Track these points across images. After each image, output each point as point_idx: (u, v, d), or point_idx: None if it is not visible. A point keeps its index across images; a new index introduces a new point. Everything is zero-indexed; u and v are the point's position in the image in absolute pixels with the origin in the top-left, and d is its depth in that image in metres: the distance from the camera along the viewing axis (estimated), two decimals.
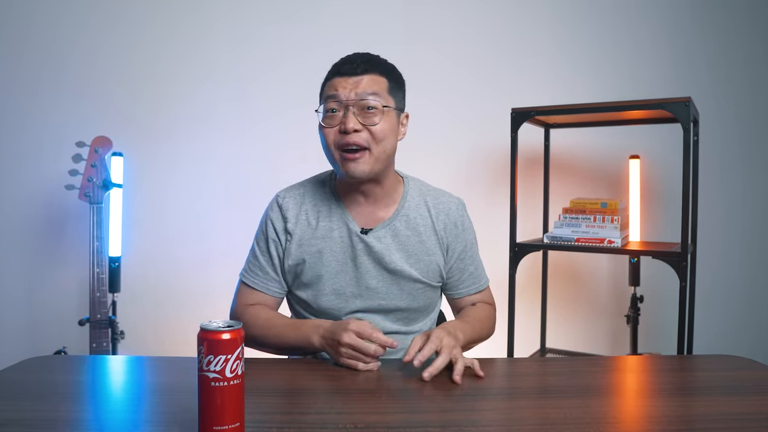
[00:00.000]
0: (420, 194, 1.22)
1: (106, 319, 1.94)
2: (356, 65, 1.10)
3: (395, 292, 1.17)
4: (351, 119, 1.08)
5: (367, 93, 1.09)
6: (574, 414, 0.81)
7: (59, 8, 2.35)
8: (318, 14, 2.40)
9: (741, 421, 0.79)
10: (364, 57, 1.13)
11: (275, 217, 1.19)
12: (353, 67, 1.10)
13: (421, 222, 1.19)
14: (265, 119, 2.41)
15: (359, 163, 1.09)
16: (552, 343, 2.36)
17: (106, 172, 1.99)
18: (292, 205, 1.19)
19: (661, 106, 1.76)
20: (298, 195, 1.21)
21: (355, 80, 1.09)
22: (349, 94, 1.09)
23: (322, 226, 1.17)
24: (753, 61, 2.39)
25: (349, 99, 1.08)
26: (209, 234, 2.39)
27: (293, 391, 0.93)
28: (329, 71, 1.14)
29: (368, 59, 1.13)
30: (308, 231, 1.17)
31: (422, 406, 0.80)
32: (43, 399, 0.87)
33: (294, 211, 1.18)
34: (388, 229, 1.17)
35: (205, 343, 0.69)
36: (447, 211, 1.21)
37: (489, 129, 2.37)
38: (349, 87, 1.09)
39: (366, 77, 1.10)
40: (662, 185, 2.36)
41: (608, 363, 1.22)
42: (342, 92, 1.09)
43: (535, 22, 2.41)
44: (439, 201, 1.22)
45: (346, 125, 1.07)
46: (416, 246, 1.18)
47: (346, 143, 1.08)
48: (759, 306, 2.41)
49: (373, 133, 1.09)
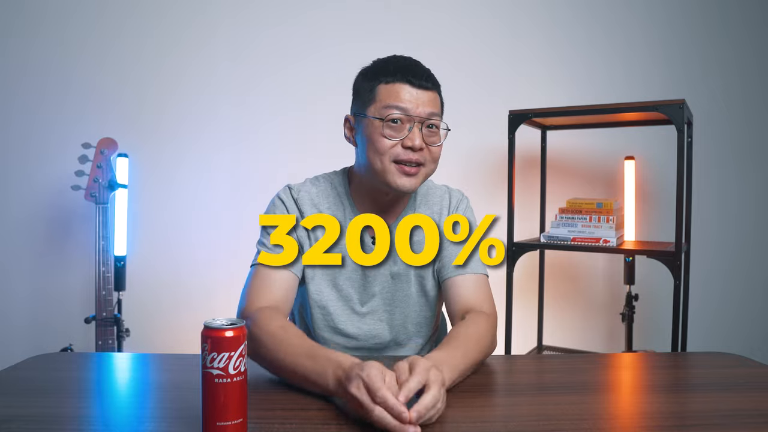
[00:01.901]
0: (422, 194, 1.20)
1: (111, 317, 1.95)
2: (424, 78, 1.06)
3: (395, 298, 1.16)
4: (419, 136, 1.04)
5: (434, 112, 1.06)
6: (571, 410, 0.82)
7: (66, 12, 2.36)
8: (319, 18, 2.41)
9: (734, 417, 0.80)
10: (425, 70, 1.09)
11: (290, 206, 1.13)
12: (421, 80, 1.06)
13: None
14: (269, 121, 2.42)
15: (413, 179, 1.06)
16: (549, 340, 2.38)
17: (111, 172, 2.00)
18: (307, 202, 1.13)
19: (655, 108, 1.77)
20: (314, 194, 1.15)
21: (423, 95, 1.05)
22: (419, 109, 1.05)
23: None
24: (746, 63, 2.41)
25: (418, 115, 1.04)
26: (213, 233, 2.40)
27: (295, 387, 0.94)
28: (386, 72, 1.07)
29: (429, 74, 1.09)
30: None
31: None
32: (49, 395, 0.88)
33: (310, 212, 1.13)
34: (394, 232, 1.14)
35: (209, 341, 0.70)
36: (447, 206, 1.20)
37: (486, 130, 2.39)
38: (419, 102, 1.05)
39: (431, 94, 1.07)
40: (657, 186, 2.38)
41: (604, 360, 1.24)
42: (411, 106, 1.04)
43: (531, 25, 2.43)
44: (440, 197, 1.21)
45: (413, 142, 1.04)
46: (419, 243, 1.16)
47: (409, 160, 1.04)
48: (752, 304, 2.43)
49: (432, 152, 1.07)
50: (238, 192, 2.41)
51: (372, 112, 1.06)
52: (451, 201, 1.20)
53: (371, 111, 1.06)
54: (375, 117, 1.05)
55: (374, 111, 1.06)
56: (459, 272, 1.14)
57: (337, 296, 1.15)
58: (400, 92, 1.05)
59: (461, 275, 1.13)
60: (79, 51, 2.37)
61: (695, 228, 2.13)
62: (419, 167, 1.06)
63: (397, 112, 1.04)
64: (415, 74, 1.06)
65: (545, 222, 2.30)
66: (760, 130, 2.42)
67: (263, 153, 2.41)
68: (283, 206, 1.13)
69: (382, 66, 1.09)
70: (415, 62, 1.10)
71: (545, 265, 2.34)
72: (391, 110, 1.04)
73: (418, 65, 1.09)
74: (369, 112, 1.07)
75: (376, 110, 1.06)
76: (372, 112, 1.06)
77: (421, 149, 1.05)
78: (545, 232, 2.07)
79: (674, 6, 2.41)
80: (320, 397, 0.85)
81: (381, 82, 1.06)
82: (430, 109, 1.06)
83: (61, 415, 0.81)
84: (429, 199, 1.20)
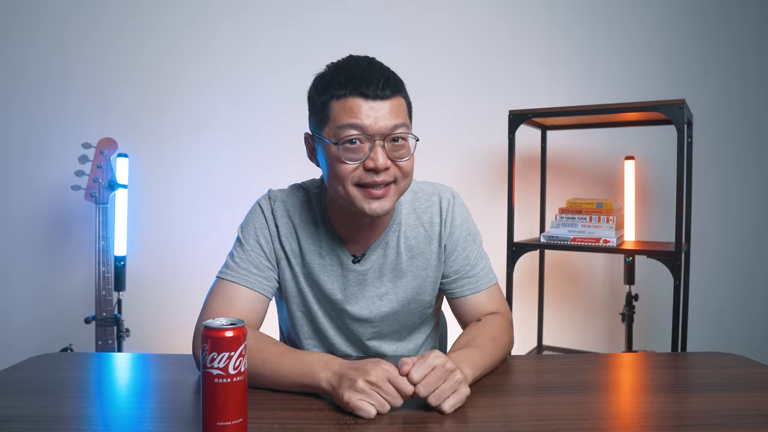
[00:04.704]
0: (409, 201, 1.10)
1: (111, 317, 1.95)
2: (379, 85, 0.90)
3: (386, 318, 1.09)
4: (382, 155, 0.91)
5: (398, 124, 0.92)
6: (571, 410, 0.82)
7: (66, 12, 2.37)
8: (319, 18, 2.41)
9: (734, 417, 0.80)
10: (384, 73, 0.93)
11: (269, 217, 1.06)
12: (377, 88, 0.90)
13: (412, 235, 1.08)
14: (268, 121, 2.42)
15: (384, 201, 0.94)
16: (549, 340, 2.38)
17: (111, 172, 2.00)
18: (282, 215, 1.06)
19: (655, 109, 1.77)
20: (290, 206, 1.07)
21: (381, 106, 0.91)
22: (378, 125, 0.90)
23: (311, 250, 1.05)
24: (746, 63, 2.41)
25: (378, 132, 0.91)
26: (213, 233, 2.40)
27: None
28: (336, 84, 0.92)
29: (388, 77, 0.93)
30: (296, 249, 1.06)
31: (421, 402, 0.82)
32: (49, 395, 0.88)
33: (285, 226, 1.06)
34: (380, 250, 1.06)
35: (209, 341, 0.70)
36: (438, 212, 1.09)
37: (487, 131, 2.39)
38: (377, 116, 0.90)
39: (392, 102, 0.92)
40: (657, 186, 2.38)
41: (604, 360, 1.24)
42: (369, 122, 0.90)
43: (532, 25, 2.43)
44: (429, 203, 1.10)
45: (376, 162, 0.90)
46: (410, 262, 1.08)
47: (374, 182, 0.92)
48: (751, 304, 2.43)
49: (401, 168, 0.94)
50: (238, 192, 2.41)
51: (327, 134, 0.93)
52: (441, 206, 1.09)
53: (326, 132, 0.93)
54: (331, 140, 0.92)
55: (329, 132, 0.93)
56: (470, 291, 1.10)
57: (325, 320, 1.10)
58: (354, 108, 0.90)
59: (474, 294, 1.10)
60: (79, 51, 2.37)
61: (695, 228, 2.13)
62: (388, 186, 0.94)
63: (354, 131, 0.90)
64: (369, 83, 0.90)
65: (545, 222, 2.30)
66: (760, 130, 2.42)
67: (263, 153, 2.41)
68: (262, 215, 1.06)
69: (333, 76, 0.94)
70: (368, 66, 0.93)
71: (545, 265, 2.34)
72: (346, 130, 0.90)
73: (373, 69, 0.93)
74: (324, 133, 0.93)
75: (331, 131, 0.92)
76: (327, 133, 0.93)
77: (387, 168, 0.92)
78: (545, 232, 2.07)
79: (674, 6, 2.41)
80: (320, 397, 0.85)
81: (333, 98, 0.92)
82: (393, 121, 0.92)
83: (61, 415, 0.81)
84: (417, 205, 1.10)
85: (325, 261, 1.05)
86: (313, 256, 1.05)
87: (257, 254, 1.04)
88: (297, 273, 1.07)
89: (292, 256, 1.06)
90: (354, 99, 0.91)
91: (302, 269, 1.07)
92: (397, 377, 0.79)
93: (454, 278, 1.11)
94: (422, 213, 1.09)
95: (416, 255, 1.08)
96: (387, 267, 1.07)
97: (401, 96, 0.96)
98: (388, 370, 0.79)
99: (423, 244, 1.09)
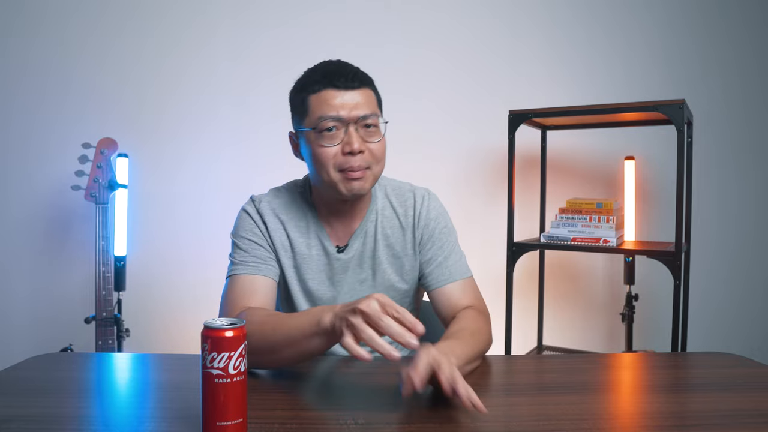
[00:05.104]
0: (384, 195, 1.19)
1: (111, 317, 1.96)
2: (349, 78, 1.04)
3: None
4: (356, 139, 1.03)
5: (368, 113, 1.05)
6: (571, 410, 0.82)
7: (66, 12, 2.37)
8: (319, 19, 2.41)
9: (734, 417, 0.80)
10: (352, 69, 1.07)
11: (255, 217, 1.15)
12: (347, 80, 1.04)
13: (388, 225, 1.17)
14: (268, 121, 2.42)
15: (362, 182, 1.06)
16: (549, 340, 2.38)
17: (111, 172, 2.00)
18: (269, 212, 1.15)
19: (655, 108, 1.77)
20: (276, 205, 1.16)
21: (353, 95, 1.04)
22: (351, 112, 1.04)
23: (300, 242, 1.14)
24: (746, 63, 2.41)
25: (352, 117, 1.04)
26: (213, 233, 2.40)
27: (295, 387, 0.94)
28: (312, 82, 1.06)
29: (356, 71, 1.07)
30: (286, 244, 1.14)
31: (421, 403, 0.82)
32: (49, 395, 0.88)
33: (273, 222, 1.15)
34: (359, 239, 1.15)
35: (209, 341, 0.70)
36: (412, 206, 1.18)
37: (487, 131, 2.39)
38: (349, 104, 1.04)
39: (361, 92, 1.05)
40: (657, 186, 2.38)
41: (604, 360, 1.24)
42: (342, 110, 1.03)
43: (531, 25, 2.43)
44: (404, 197, 1.19)
45: (352, 146, 1.03)
46: (386, 250, 1.16)
47: (352, 166, 1.04)
48: (751, 304, 2.44)
49: (373, 152, 1.06)
50: (238, 192, 2.40)
51: (307, 124, 1.06)
52: (415, 200, 1.18)
53: (306, 123, 1.07)
54: (310, 129, 1.05)
55: (309, 123, 1.06)
56: (444, 281, 1.15)
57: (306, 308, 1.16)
58: (329, 99, 1.04)
59: (447, 284, 1.15)
60: (79, 51, 2.37)
61: (695, 228, 2.13)
62: (365, 171, 1.06)
63: (330, 119, 1.03)
64: (340, 76, 1.04)
65: (545, 222, 2.30)
66: (760, 130, 2.42)
67: (263, 153, 2.41)
68: (249, 217, 1.15)
69: (309, 75, 1.09)
70: (339, 64, 1.09)
71: (545, 265, 2.34)
72: (324, 119, 1.03)
73: (343, 66, 1.08)
74: (305, 124, 1.07)
75: (311, 122, 1.06)
76: (307, 124, 1.06)
77: (362, 151, 1.04)
78: (545, 232, 2.07)
79: (674, 6, 2.41)
80: (320, 397, 0.85)
81: (310, 93, 1.06)
82: (364, 109, 1.05)
83: (61, 415, 0.81)
84: (393, 199, 1.19)
85: (312, 252, 1.15)
86: (302, 247, 1.14)
87: (254, 248, 1.13)
88: (285, 266, 1.15)
89: (281, 250, 1.14)
90: (328, 91, 1.04)
91: (291, 261, 1.15)
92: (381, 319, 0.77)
93: (428, 269, 1.16)
94: (398, 206, 1.19)
95: (392, 244, 1.17)
96: (366, 255, 1.16)
97: (369, 89, 1.08)
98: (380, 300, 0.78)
99: (398, 233, 1.17)
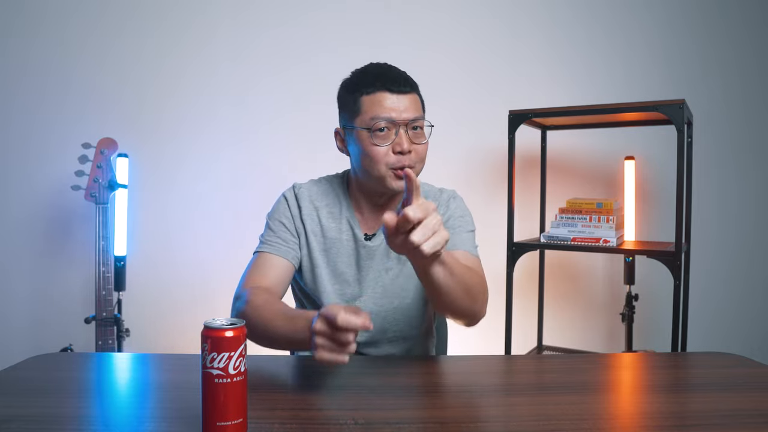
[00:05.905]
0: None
1: (111, 317, 1.96)
2: (402, 83, 1.11)
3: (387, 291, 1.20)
4: (406, 140, 1.10)
5: (417, 116, 1.11)
6: (571, 410, 0.82)
7: (66, 12, 2.37)
8: (319, 19, 2.41)
9: (734, 417, 0.80)
10: (403, 74, 1.14)
11: (291, 202, 1.23)
12: (400, 84, 1.11)
13: None
14: (269, 121, 2.42)
15: None
16: (549, 340, 2.38)
17: (111, 172, 2.00)
18: (306, 198, 1.22)
19: (655, 108, 1.77)
20: (314, 192, 1.24)
21: (404, 99, 1.10)
22: (402, 115, 1.10)
23: (332, 228, 1.21)
24: (746, 63, 2.41)
25: (403, 120, 1.10)
26: (213, 233, 2.41)
27: (295, 387, 0.95)
28: (365, 83, 1.12)
29: (407, 77, 1.14)
30: (317, 229, 1.21)
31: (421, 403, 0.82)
32: (49, 395, 0.89)
33: (308, 208, 1.22)
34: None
35: (209, 341, 0.70)
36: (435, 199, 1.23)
37: (487, 131, 2.39)
38: (401, 108, 1.10)
39: (411, 97, 1.12)
40: (657, 186, 2.38)
41: (604, 360, 1.24)
42: (395, 113, 1.09)
43: (531, 25, 2.43)
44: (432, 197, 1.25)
45: (402, 146, 1.09)
46: None
47: (402, 165, 1.09)
48: (751, 304, 2.44)
49: (419, 152, 1.12)
50: (238, 192, 2.42)
51: (359, 124, 1.11)
52: (442, 195, 1.25)
53: (358, 122, 1.12)
54: (363, 128, 1.11)
55: (361, 122, 1.11)
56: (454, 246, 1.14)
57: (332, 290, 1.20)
58: (383, 101, 1.10)
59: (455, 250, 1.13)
60: (79, 51, 2.37)
61: (695, 228, 2.13)
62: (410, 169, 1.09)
63: (383, 120, 1.09)
64: (393, 81, 1.10)
65: (545, 222, 2.30)
66: (760, 130, 2.42)
67: (263, 153, 2.41)
68: (285, 202, 1.23)
69: (361, 77, 1.14)
70: (391, 68, 1.15)
71: (545, 265, 2.34)
72: (377, 120, 1.09)
73: (395, 70, 1.14)
74: (357, 123, 1.12)
75: (363, 121, 1.11)
76: (359, 123, 1.11)
77: (410, 152, 1.10)
78: (545, 232, 2.07)
79: (674, 6, 2.41)
80: (320, 397, 0.85)
81: (363, 94, 1.11)
82: (413, 113, 1.11)
83: (61, 415, 0.81)
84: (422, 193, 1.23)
85: (342, 236, 1.21)
86: (333, 232, 1.21)
87: (282, 230, 1.20)
88: (313, 249, 1.20)
89: (311, 234, 1.21)
90: (382, 93, 1.10)
91: (321, 245, 1.21)
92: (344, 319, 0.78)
93: None
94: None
95: None
96: None
97: (417, 93, 1.15)
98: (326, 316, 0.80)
99: None
